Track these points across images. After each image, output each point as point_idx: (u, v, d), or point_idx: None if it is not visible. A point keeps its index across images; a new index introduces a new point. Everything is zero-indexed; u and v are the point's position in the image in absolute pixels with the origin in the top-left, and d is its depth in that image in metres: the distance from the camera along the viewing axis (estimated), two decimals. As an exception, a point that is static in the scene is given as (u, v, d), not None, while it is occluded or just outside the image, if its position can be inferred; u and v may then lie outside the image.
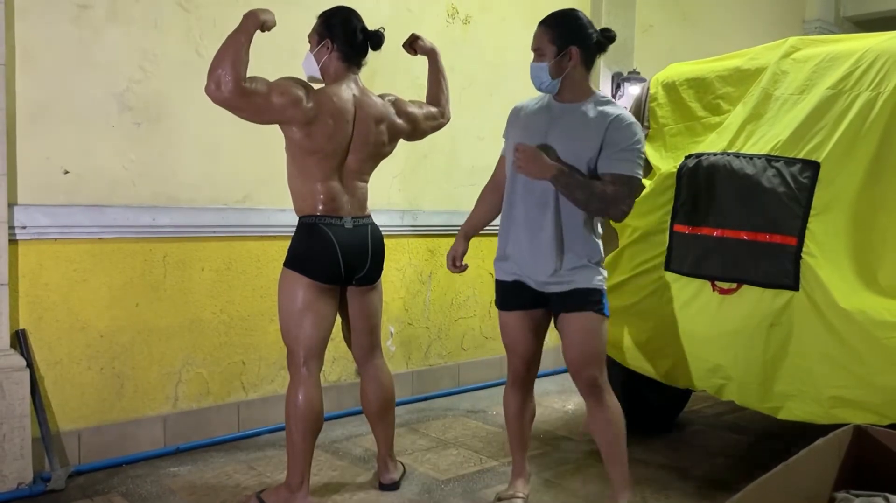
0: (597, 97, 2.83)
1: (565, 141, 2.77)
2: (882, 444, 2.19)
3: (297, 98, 2.82)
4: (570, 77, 2.79)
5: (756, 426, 4.17)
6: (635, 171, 2.72)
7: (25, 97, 3.19)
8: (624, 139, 2.71)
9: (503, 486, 3.33)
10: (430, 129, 3.38)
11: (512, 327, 3.00)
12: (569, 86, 2.81)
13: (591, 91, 2.84)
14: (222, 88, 2.67)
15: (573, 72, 2.78)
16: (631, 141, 2.71)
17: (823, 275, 2.90)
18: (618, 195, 2.69)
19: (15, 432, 3.11)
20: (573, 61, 2.76)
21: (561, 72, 2.77)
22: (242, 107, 2.76)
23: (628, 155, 2.70)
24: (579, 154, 2.74)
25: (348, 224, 2.99)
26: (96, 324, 3.43)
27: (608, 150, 2.71)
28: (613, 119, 2.74)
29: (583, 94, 2.82)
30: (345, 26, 3.01)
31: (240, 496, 3.15)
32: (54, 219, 3.27)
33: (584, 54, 2.79)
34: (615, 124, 2.73)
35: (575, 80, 2.80)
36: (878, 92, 2.96)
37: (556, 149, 2.77)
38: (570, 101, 2.82)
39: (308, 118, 2.85)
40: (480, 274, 4.99)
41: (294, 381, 2.98)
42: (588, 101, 2.81)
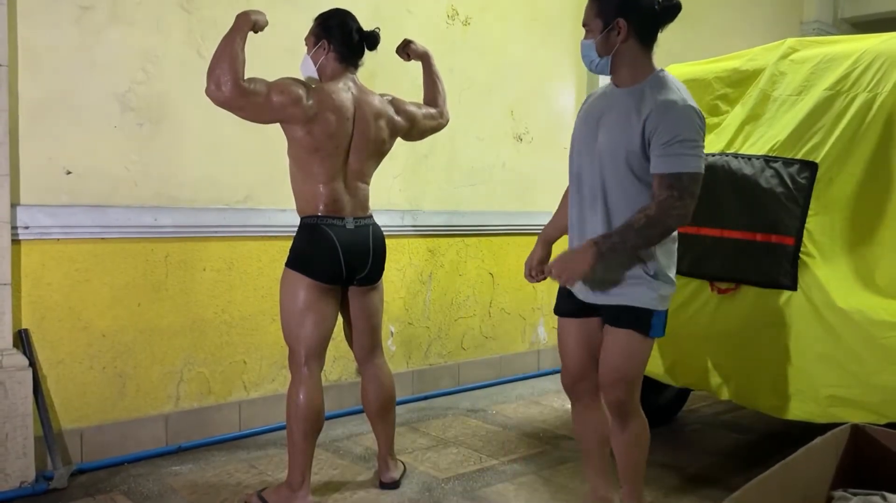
0: (654, 78, 2.45)
1: (608, 135, 2.46)
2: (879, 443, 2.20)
3: (298, 96, 2.84)
4: (620, 55, 2.45)
5: (754, 425, 4.18)
6: (680, 167, 2.32)
7: (28, 98, 3.21)
8: (666, 130, 2.33)
9: (503, 485, 3.35)
10: (430, 129, 3.38)
11: (561, 334, 2.74)
12: (621, 65, 2.47)
13: (651, 70, 2.47)
14: (222, 89, 2.70)
15: (624, 48, 2.44)
16: (674, 131, 2.32)
17: (821, 275, 2.92)
18: (663, 208, 2.31)
19: (17, 431, 3.12)
20: (622, 35, 2.42)
21: (609, 48, 2.44)
22: (243, 106, 2.78)
23: (671, 149, 2.32)
24: (616, 151, 2.42)
25: (350, 224, 3.00)
26: (98, 324, 3.44)
27: (652, 147, 2.36)
28: (655, 107, 2.36)
29: (639, 75, 2.46)
30: (341, 27, 3.03)
31: (241, 495, 3.17)
32: (57, 219, 3.29)
33: (638, 27, 2.42)
34: (656, 113, 2.35)
35: (627, 58, 2.45)
36: (876, 93, 2.99)
37: (603, 143, 2.47)
38: (625, 84, 2.48)
39: (309, 116, 2.87)
40: (480, 274, 5.01)
41: (295, 381, 3.00)
42: (644, 83, 2.44)
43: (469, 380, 5.00)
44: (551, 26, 5.29)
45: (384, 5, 4.30)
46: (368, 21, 3.15)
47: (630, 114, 2.41)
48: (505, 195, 5.11)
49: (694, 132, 2.33)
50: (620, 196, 2.45)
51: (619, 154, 2.41)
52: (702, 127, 2.37)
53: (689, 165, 2.32)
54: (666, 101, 2.35)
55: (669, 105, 2.35)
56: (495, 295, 5.12)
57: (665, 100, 2.36)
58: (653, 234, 2.35)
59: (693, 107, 2.36)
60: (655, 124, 2.34)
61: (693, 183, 2.34)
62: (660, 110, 2.34)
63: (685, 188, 2.32)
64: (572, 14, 5.40)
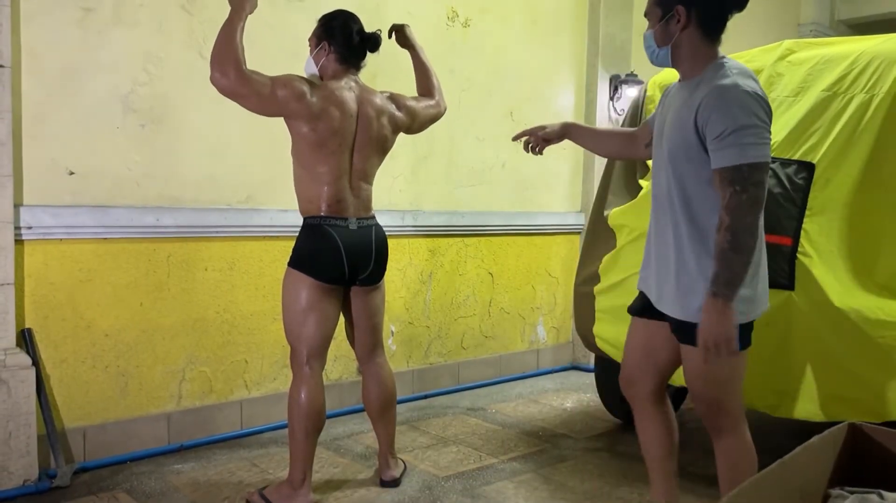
0: (713, 66, 2.27)
1: (669, 135, 2.32)
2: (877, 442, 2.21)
3: (301, 92, 2.86)
4: (681, 45, 2.30)
5: (751, 424, 4.18)
6: (738, 158, 2.12)
7: (31, 99, 3.23)
8: (719, 120, 2.14)
9: (502, 483, 3.37)
10: (429, 120, 3.38)
11: (627, 332, 2.64)
12: (682, 57, 2.32)
13: (713, 59, 2.29)
14: (228, 76, 2.72)
15: (684, 38, 2.29)
16: (727, 120, 2.13)
17: (818, 275, 2.94)
18: (733, 210, 2.12)
19: (21, 430, 3.14)
20: (681, 23, 2.27)
21: (668, 38, 2.30)
22: (247, 94, 2.79)
23: (727, 141, 2.13)
24: (676, 148, 2.28)
25: (353, 225, 3.02)
26: (101, 324, 3.46)
27: (708, 142, 2.18)
28: (704, 97, 2.19)
29: (699, 66, 2.30)
30: (342, 29, 3.05)
31: (243, 493, 3.19)
32: (60, 219, 3.31)
33: (700, 14, 2.27)
34: (706, 103, 2.18)
35: (688, 49, 2.30)
36: (873, 94, 3.00)
37: (666, 142, 2.34)
38: (686, 77, 2.34)
39: (313, 112, 2.88)
40: (480, 273, 5.03)
41: (297, 380, 3.02)
42: (702, 74, 2.28)
43: (469, 379, 5.03)
44: (551, 28, 5.31)
45: (384, 6, 4.32)
46: (368, 22, 3.17)
47: (684, 108, 2.27)
48: (505, 195, 5.13)
49: (751, 117, 2.13)
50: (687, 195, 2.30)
51: (679, 154, 2.28)
52: (765, 110, 2.17)
53: (747, 155, 2.12)
54: (717, 88, 2.18)
55: (721, 91, 2.17)
56: (495, 294, 5.15)
57: (716, 86, 2.18)
58: (745, 240, 2.13)
59: (750, 90, 2.16)
60: (707, 115, 2.17)
61: (756, 172, 2.12)
62: (710, 99, 2.17)
63: (746, 179, 2.12)
64: (572, 16, 5.43)
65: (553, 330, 5.57)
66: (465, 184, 4.91)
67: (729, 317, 2.15)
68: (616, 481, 3.37)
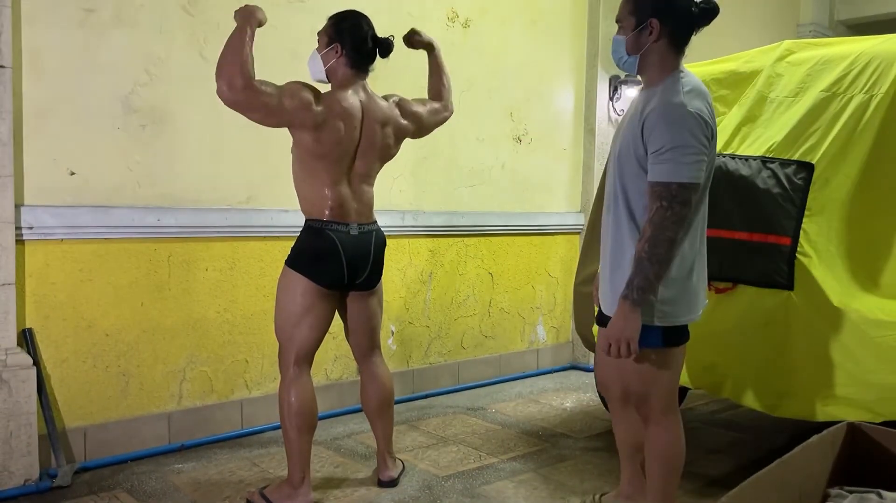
0: (670, 79, 2.36)
1: (622, 138, 2.43)
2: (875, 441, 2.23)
3: (307, 102, 2.84)
4: (648, 55, 2.39)
5: (751, 423, 4.21)
6: (670, 176, 2.22)
7: (32, 99, 3.23)
8: (659, 136, 2.25)
9: (502, 483, 3.38)
10: (436, 124, 3.38)
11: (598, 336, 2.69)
12: (648, 65, 2.41)
13: (672, 71, 2.38)
14: (234, 89, 2.68)
15: (653, 49, 2.37)
16: (665, 138, 2.23)
17: (817, 275, 2.95)
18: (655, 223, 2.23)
19: (22, 429, 3.15)
20: (653, 36, 2.35)
21: (639, 48, 2.38)
22: (254, 107, 2.76)
23: (663, 157, 2.23)
24: (624, 152, 2.38)
25: (354, 231, 3.01)
26: (102, 323, 3.47)
27: (648, 154, 2.29)
28: (652, 111, 2.29)
29: (661, 76, 2.38)
30: (355, 32, 2.99)
31: (243, 492, 3.19)
32: (60, 219, 3.31)
33: (672, 28, 2.36)
34: (651, 117, 2.28)
35: (655, 58, 2.38)
36: (872, 94, 3.01)
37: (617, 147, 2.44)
38: (648, 85, 2.43)
39: (317, 122, 2.87)
40: (479, 274, 5.04)
41: (285, 381, 3.02)
42: (661, 84, 2.36)
43: (469, 379, 5.03)
44: (551, 28, 5.31)
45: (385, 7, 4.33)
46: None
47: (636, 115, 2.36)
48: (504, 196, 5.14)
49: (689, 138, 2.22)
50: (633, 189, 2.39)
51: (626, 159, 2.37)
52: (706, 133, 2.26)
53: (679, 174, 2.21)
54: (665, 105, 2.27)
55: (667, 109, 2.26)
56: (495, 294, 5.15)
57: (665, 102, 2.28)
58: (662, 253, 2.23)
59: (694, 111, 2.25)
60: (651, 129, 2.27)
61: (684, 191, 2.22)
62: (655, 115, 2.27)
63: (674, 197, 2.21)
64: (571, 16, 5.43)
65: (553, 330, 5.57)
66: (465, 184, 4.91)
67: (634, 320, 2.27)
68: (616, 481, 3.38)
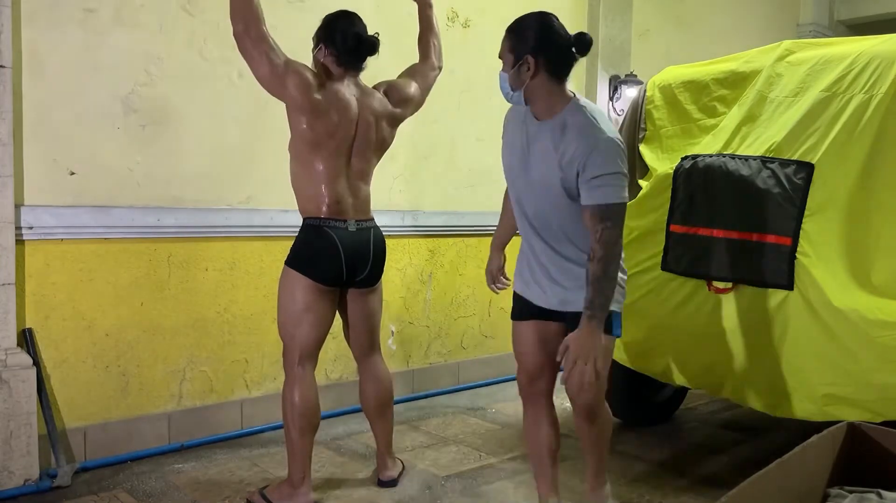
0: (570, 108, 2.48)
1: (539, 168, 2.53)
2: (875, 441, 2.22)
3: (308, 84, 2.88)
4: (532, 89, 2.49)
5: (751, 423, 4.21)
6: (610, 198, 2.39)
7: (32, 99, 3.23)
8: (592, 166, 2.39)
9: (502, 482, 3.38)
10: (428, 90, 3.40)
11: (518, 336, 2.83)
12: (536, 99, 2.51)
13: (566, 101, 2.50)
14: (250, 30, 2.78)
15: (536, 83, 2.47)
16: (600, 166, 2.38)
17: (817, 275, 2.94)
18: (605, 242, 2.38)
19: (22, 429, 3.15)
20: (531, 71, 2.45)
21: (520, 83, 2.48)
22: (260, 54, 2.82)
23: (599, 181, 2.38)
24: (550, 183, 2.49)
25: (352, 227, 3.02)
26: (102, 323, 3.47)
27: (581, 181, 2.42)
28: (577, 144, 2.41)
29: (555, 106, 2.49)
30: (339, 31, 3.03)
31: (243, 492, 3.19)
32: (61, 219, 3.31)
33: (548, 63, 2.46)
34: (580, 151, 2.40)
35: (541, 91, 2.49)
36: (872, 94, 3.00)
37: (535, 174, 2.54)
38: (543, 116, 2.52)
39: (313, 106, 2.89)
40: (479, 274, 5.03)
41: (289, 379, 3.03)
42: (562, 114, 2.48)
43: (468, 379, 5.03)
44: (550, 28, 5.31)
45: (385, 7, 4.33)
46: (368, 24, 3.16)
47: (554, 148, 2.46)
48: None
49: (617, 165, 2.40)
50: (563, 220, 2.54)
51: (553, 185, 2.48)
52: (624, 155, 2.44)
53: (618, 196, 2.40)
54: (587, 137, 2.41)
55: (592, 142, 2.39)
56: (494, 294, 5.12)
57: (586, 135, 2.41)
58: (614, 269, 2.42)
59: (613, 138, 2.42)
60: (584, 158, 2.39)
61: (621, 211, 2.43)
62: (582, 146, 2.39)
63: (616, 216, 2.41)
64: (571, 16, 5.43)
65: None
66: (465, 184, 4.92)
67: (599, 337, 2.41)
68: (616, 481, 3.38)
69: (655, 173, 3.51)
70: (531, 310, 2.73)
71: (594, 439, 2.83)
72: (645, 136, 3.70)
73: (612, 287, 2.43)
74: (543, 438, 2.85)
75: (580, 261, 2.55)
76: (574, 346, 2.40)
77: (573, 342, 2.41)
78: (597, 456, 2.87)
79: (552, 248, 2.60)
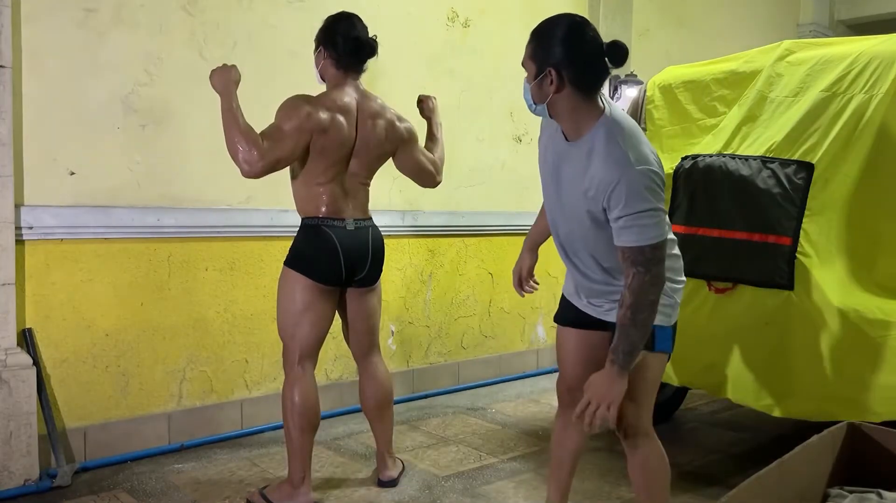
0: (599, 129, 2.19)
1: (568, 191, 2.30)
2: (875, 441, 2.22)
3: (306, 114, 2.86)
4: (557, 104, 2.19)
5: (751, 423, 4.21)
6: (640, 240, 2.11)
7: (32, 99, 3.23)
8: (619, 201, 2.11)
9: (502, 482, 3.38)
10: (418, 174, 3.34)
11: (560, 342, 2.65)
12: (561, 115, 2.22)
13: (595, 119, 2.20)
14: (255, 164, 2.75)
15: (560, 98, 2.17)
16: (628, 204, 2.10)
17: (818, 275, 2.95)
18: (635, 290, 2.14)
19: (22, 429, 3.15)
20: (554, 85, 2.15)
21: (543, 97, 2.18)
22: (279, 159, 2.82)
23: (629, 221, 2.11)
24: (578, 209, 2.26)
25: (350, 226, 3.03)
26: (102, 323, 3.47)
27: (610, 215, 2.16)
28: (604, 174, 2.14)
29: (583, 126, 2.21)
30: (337, 33, 3.02)
31: (244, 492, 3.19)
32: (60, 219, 3.31)
33: (575, 77, 2.15)
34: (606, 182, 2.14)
35: (566, 108, 2.19)
36: (872, 94, 3.00)
37: (565, 198, 2.31)
38: (571, 136, 2.25)
39: (324, 126, 2.89)
40: (479, 274, 5.04)
41: (289, 379, 3.03)
42: (590, 135, 2.20)
43: (469, 379, 5.03)
44: (550, 28, 5.31)
45: (385, 7, 4.33)
46: (369, 24, 3.16)
47: (583, 174, 2.21)
48: (504, 196, 5.14)
49: (648, 200, 2.10)
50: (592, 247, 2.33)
51: (581, 213, 2.25)
52: (657, 183, 2.15)
53: (648, 236, 2.12)
54: (612, 169, 2.12)
55: (615, 174, 2.11)
56: (495, 294, 5.15)
57: (610, 166, 2.13)
58: (646, 316, 2.17)
59: (642, 169, 2.12)
60: (608, 193, 2.13)
61: (656, 251, 2.14)
62: (606, 179, 2.13)
63: (649, 259, 2.13)
64: (571, 15, 5.43)
65: (553, 329, 5.53)
66: (465, 184, 4.92)
67: (620, 384, 2.20)
68: (616, 481, 3.38)
69: (655, 173, 3.50)
70: (576, 316, 2.53)
71: (637, 471, 2.53)
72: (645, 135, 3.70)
73: (642, 335, 2.19)
74: (568, 443, 2.71)
75: (612, 287, 2.35)
76: (592, 388, 2.23)
77: (592, 382, 2.23)
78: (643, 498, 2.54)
79: (581, 273, 2.42)
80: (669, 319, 2.38)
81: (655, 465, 2.50)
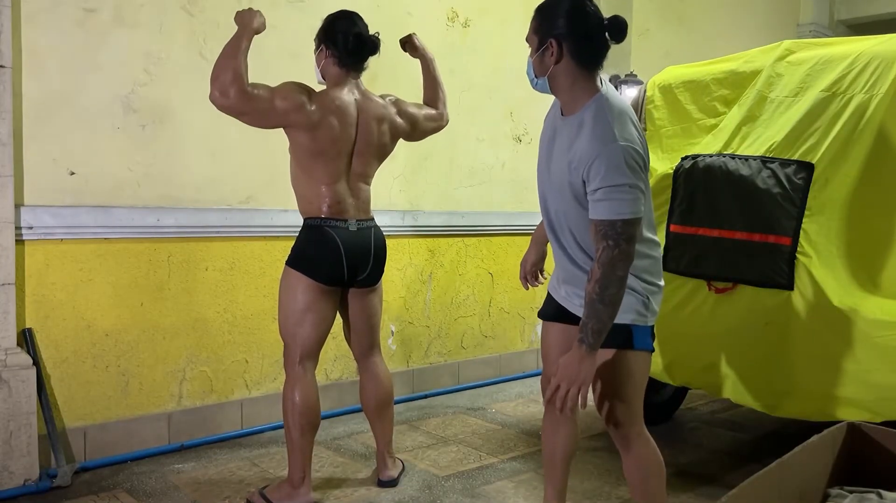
0: (592, 105, 2.22)
1: (555, 167, 2.32)
2: (875, 441, 2.22)
3: (300, 102, 2.87)
4: (556, 77, 2.25)
5: (751, 423, 4.21)
6: (613, 214, 2.12)
7: (32, 99, 3.23)
8: (596, 175, 2.13)
9: (502, 482, 3.38)
10: (430, 130, 3.39)
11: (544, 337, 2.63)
12: (560, 89, 2.28)
13: (591, 95, 2.23)
14: (228, 95, 2.73)
15: (559, 71, 2.23)
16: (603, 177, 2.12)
17: (817, 275, 2.95)
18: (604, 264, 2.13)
19: (22, 429, 3.15)
20: (554, 56, 2.21)
21: (544, 70, 2.25)
22: (247, 111, 2.81)
23: (603, 194, 2.13)
24: (562, 184, 2.27)
25: (353, 226, 3.03)
26: (102, 323, 3.47)
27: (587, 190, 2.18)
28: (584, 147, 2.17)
29: (577, 101, 2.25)
30: (338, 31, 3.02)
31: (244, 492, 3.19)
32: (60, 219, 3.31)
33: (575, 49, 2.20)
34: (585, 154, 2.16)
35: (565, 81, 2.25)
36: (872, 94, 3.00)
37: (553, 173, 2.33)
38: (568, 111, 2.30)
39: (312, 122, 2.89)
40: (479, 273, 5.04)
41: (290, 379, 3.03)
42: (583, 111, 2.23)
43: (468, 379, 5.03)
44: (550, 27, 5.31)
45: (384, 7, 4.33)
46: (368, 23, 3.16)
47: (570, 146, 2.23)
48: (504, 196, 5.14)
49: (626, 174, 2.12)
50: (575, 226, 2.33)
51: (565, 188, 2.26)
52: (638, 162, 2.15)
53: (622, 211, 2.12)
54: (595, 141, 2.15)
55: (598, 146, 2.14)
56: (494, 294, 5.15)
57: (594, 138, 2.15)
58: (614, 293, 2.15)
59: (624, 145, 2.13)
60: (587, 166, 2.15)
61: (628, 227, 2.13)
62: (589, 151, 2.15)
63: (619, 234, 2.12)
64: (571, 15, 5.42)
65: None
66: (465, 184, 4.92)
67: (590, 364, 2.17)
68: (616, 481, 3.38)
69: (655, 173, 3.50)
70: (556, 309, 2.54)
71: (632, 472, 2.49)
72: (645, 135, 3.70)
73: (610, 314, 2.17)
74: (559, 443, 2.65)
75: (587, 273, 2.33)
76: (561, 369, 2.19)
77: (561, 364, 2.20)
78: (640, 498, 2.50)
79: (566, 253, 2.41)
80: (646, 320, 2.36)
81: (650, 464, 2.47)
